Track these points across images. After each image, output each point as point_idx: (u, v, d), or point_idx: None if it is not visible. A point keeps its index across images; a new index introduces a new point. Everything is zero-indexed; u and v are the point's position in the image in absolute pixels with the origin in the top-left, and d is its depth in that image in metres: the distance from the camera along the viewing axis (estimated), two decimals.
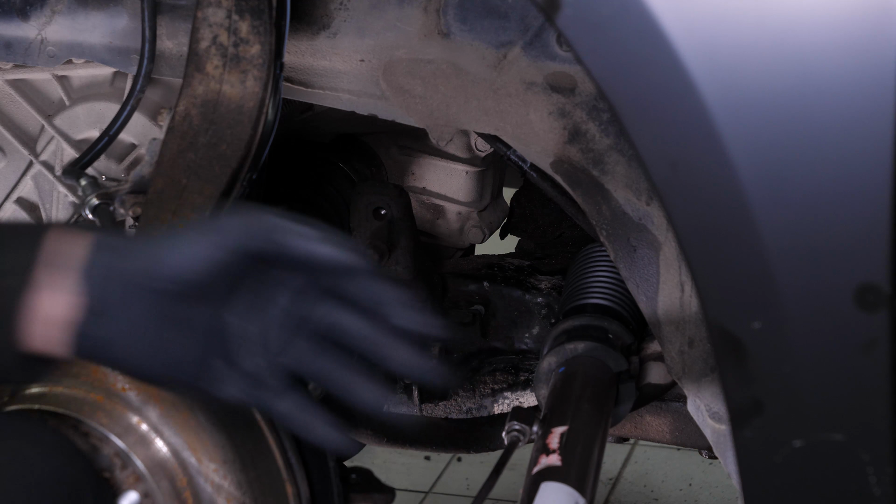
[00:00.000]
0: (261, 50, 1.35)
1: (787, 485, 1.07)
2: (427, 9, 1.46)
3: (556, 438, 1.36)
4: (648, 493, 2.76)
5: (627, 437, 1.75)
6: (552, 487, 1.31)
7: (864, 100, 0.95)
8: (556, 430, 1.37)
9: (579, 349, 1.51)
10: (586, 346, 1.51)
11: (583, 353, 1.51)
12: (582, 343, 1.51)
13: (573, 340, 1.52)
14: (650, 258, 1.42)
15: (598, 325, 1.52)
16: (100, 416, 1.16)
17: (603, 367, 1.51)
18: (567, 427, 1.38)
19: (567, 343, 1.52)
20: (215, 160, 1.32)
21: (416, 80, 1.46)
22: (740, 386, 1.04)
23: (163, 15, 1.54)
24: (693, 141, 0.99)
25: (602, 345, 1.51)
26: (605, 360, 1.51)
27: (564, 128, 1.43)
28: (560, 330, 1.55)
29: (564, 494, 1.31)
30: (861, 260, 0.98)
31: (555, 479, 1.31)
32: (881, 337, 1.00)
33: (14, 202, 1.77)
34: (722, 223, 1.01)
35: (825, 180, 0.98)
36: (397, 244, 1.61)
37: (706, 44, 0.97)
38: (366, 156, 1.83)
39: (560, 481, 1.31)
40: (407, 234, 1.62)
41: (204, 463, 1.17)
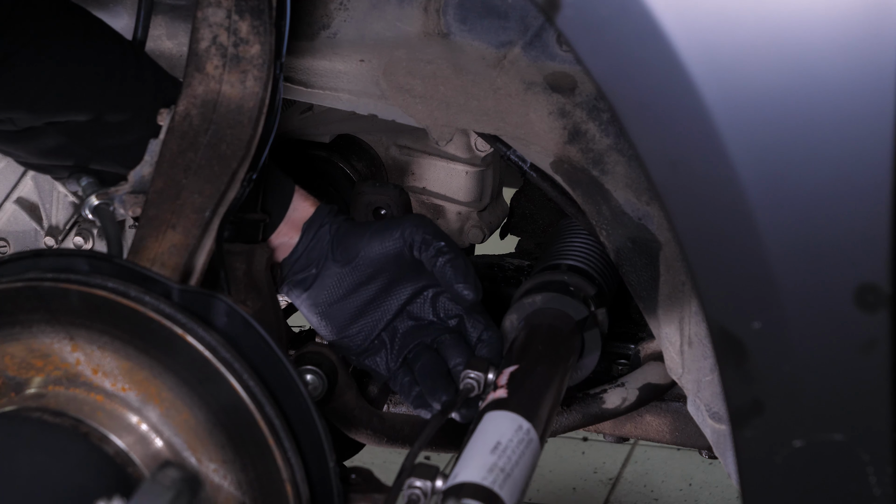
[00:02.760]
0: (261, 50, 1.35)
1: (787, 485, 1.07)
2: (427, 9, 1.46)
3: (505, 377, 1.38)
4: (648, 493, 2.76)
5: (627, 437, 1.75)
6: (495, 414, 1.31)
7: (864, 100, 0.95)
8: (506, 370, 1.39)
9: (538, 301, 1.52)
10: (544, 298, 1.52)
11: (542, 306, 1.51)
12: (540, 295, 1.52)
13: (531, 295, 1.53)
14: (650, 258, 1.42)
15: (557, 280, 1.53)
16: (100, 416, 1.16)
17: (564, 317, 1.51)
18: (517, 366, 1.39)
19: (525, 298, 1.52)
20: (215, 160, 1.31)
21: (416, 80, 1.46)
22: (740, 386, 1.04)
23: (162, 15, 1.54)
24: (693, 141, 0.99)
25: (559, 294, 1.51)
26: (565, 308, 1.51)
27: (564, 128, 1.43)
28: (522, 290, 1.56)
29: (507, 420, 1.31)
30: (861, 260, 0.98)
31: (500, 409, 1.32)
32: (881, 337, 1.00)
33: (14, 202, 1.77)
34: (722, 223, 1.01)
35: (825, 180, 0.98)
36: None
37: (706, 44, 0.97)
38: (366, 156, 1.83)
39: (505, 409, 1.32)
40: None
41: (204, 463, 1.17)
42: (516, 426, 1.31)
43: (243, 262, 1.42)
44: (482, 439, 1.28)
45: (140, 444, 1.16)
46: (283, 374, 1.18)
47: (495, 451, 1.26)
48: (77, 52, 1.37)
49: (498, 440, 1.27)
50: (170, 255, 1.24)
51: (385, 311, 1.51)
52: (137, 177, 1.36)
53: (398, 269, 1.49)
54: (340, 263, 1.48)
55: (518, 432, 1.30)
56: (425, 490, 1.24)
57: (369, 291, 1.50)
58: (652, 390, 1.62)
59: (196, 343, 1.15)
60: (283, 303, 1.84)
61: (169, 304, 1.16)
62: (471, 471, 1.24)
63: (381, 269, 1.48)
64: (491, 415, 1.32)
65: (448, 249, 1.45)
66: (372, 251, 1.47)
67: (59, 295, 1.16)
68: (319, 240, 1.48)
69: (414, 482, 1.24)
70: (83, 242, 1.75)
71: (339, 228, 1.48)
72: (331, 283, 1.49)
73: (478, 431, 1.29)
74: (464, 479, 1.23)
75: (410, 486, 1.24)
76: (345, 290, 1.49)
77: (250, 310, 1.20)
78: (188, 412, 1.16)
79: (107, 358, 1.17)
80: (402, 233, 1.47)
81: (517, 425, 1.31)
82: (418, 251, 1.46)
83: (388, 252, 1.47)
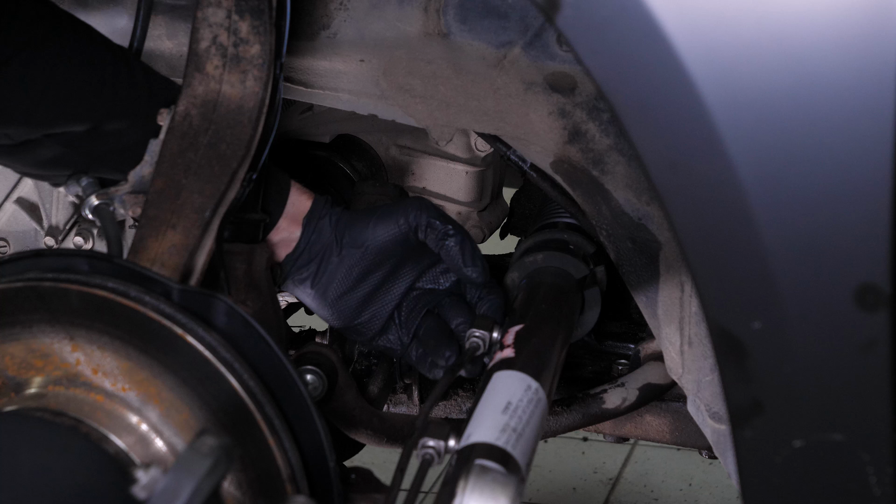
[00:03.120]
0: (261, 50, 1.35)
1: (787, 485, 1.07)
2: (427, 9, 1.46)
3: (511, 336, 1.40)
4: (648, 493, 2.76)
5: (627, 437, 1.75)
6: (504, 374, 1.33)
7: (864, 100, 0.95)
8: (512, 329, 1.41)
9: (539, 260, 1.55)
10: (545, 257, 1.55)
11: (543, 265, 1.54)
12: (541, 254, 1.55)
13: (532, 253, 1.56)
14: (650, 258, 1.42)
15: (557, 238, 1.55)
16: (100, 416, 1.16)
17: (565, 275, 1.54)
18: (523, 325, 1.41)
19: (527, 257, 1.55)
20: (215, 160, 1.31)
21: (416, 80, 1.46)
22: (740, 386, 1.04)
23: (162, 15, 1.54)
24: (693, 141, 0.99)
25: (560, 252, 1.54)
26: (566, 267, 1.54)
27: (564, 128, 1.43)
28: (522, 248, 1.59)
29: (516, 380, 1.32)
30: (861, 260, 0.98)
31: (508, 369, 1.33)
32: (881, 337, 1.00)
33: (14, 202, 1.77)
34: (722, 223, 1.01)
35: (825, 180, 0.98)
36: None
37: (706, 44, 0.97)
38: (366, 156, 1.83)
39: (513, 369, 1.33)
40: None
41: None
42: (525, 386, 1.32)
43: (243, 262, 1.42)
44: (493, 399, 1.29)
45: (140, 444, 1.16)
46: (283, 374, 1.18)
47: (506, 411, 1.27)
48: (68, 60, 1.36)
49: (508, 400, 1.28)
50: (170, 255, 1.24)
51: (394, 295, 1.53)
52: (137, 177, 1.36)
53: (403, 253, 1.51)
54: (345, 254, 1.49)
55: (527, 392, 1.31)
56: (439, 449, 1.25)
57: (377, 278, 1.51)
58: (652, 390, 1.62)
59: (196, 343, 1.15)
60: (283, 303, 1.84)
61: (169, 304, 1.16)
62: (484, 431, 1.25)
63: (386, 254, 1.50)
64: (499, 374, 1.33)
65: (453, 232, 1.48)
66: (377, 239, 1.49)
67: (59, 295, 1.16)
68: (320, 233, 1.49)
69: (427, 441, 1.25)
70: (83, 242, 1.75)
71: (340, 220, 1.49)
72: (339, 275, 1.50)
73: (488, 391, 1.30)
74: (477, 439, 1.24)
75: (424, 446, 1.25)
76: (353, 280, 1.50)
77: (250, 310, 1.20)
78: (188, 412, 1.16)
79: (107, 358, 1.17)
80: (405, 218, 1.48)
81: (526, 385, 1.32)
82: (423, 234, 1.49)
83: (393, 238, 1.49)
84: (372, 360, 1.67)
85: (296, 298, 1.83)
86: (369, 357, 1.67)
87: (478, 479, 1.10)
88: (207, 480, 0.97)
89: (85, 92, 1.37)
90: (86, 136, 1.38)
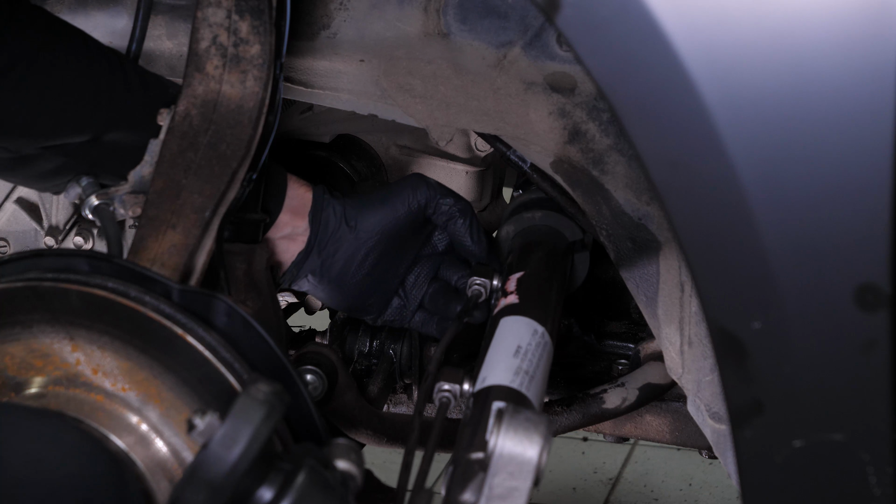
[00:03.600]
0: (261, 50, 1.35)
1: (787, 485, 1.07)
2: (427, 9, 1.46)
3: (513, 283, 1.45)
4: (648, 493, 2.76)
5: (627, 437, 1.75)
6: (511, 319, 1.37)
7: (864, 100, 0.95)
8: (513, 276, 1.46)
9: (536, 217, 1.59)
10: (543, 215, 1.59)
11: (539, 222, 1.59)
12: (539, 212, 1.59)
13: (531, 210, 1.60)
14: (650, 258, 1.42)
15: (553, 196, 1.57)
16: (100, 416, 1.16)
17: (558, 235, 1.58)
18: (523, 273, 1.47)
19: (525, 212, 1.59)
20: (215, 160, 1.31)
21: (416, 80, 1.46)
22: (740, 386, 1.04)
23: (162, 15, 1.54)
24: (693, 141, 0.99)
25: (558, 213, 1.58)
26: (561, 228, 1.58)
27: (564, 128, 1.43)
28: (518, 202, 1.63)
29: (523, 324, 1.37)
30: (861, 260, 0.98)
31: (514, 314, 1.39)
32: (881, 337, 1.00)
33: (14, 202, 1.77)
34: (722, 223, 1.01)
35: (825, 180, 0.98)
36: None
37: (706, 44, 0.97)
38: (366, 156, 1.83)
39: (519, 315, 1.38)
40: None
41: None
42: (532, 330, 1.36)
43: (243, 262, 1.42)
44: (503, 344, 1.34)
45: (140, 444, 1.16)
46: (283, 374, 1.18)
47: (517, 355, 1.31)
48: (64, 70, 1.36)
49: (518, 344, 1.33)
50: (170, 255, 1.24)
51: (401, 270, 1.57)
52: (137, 177, 1.36)
53: (407, 230, 1.54)
54: (355, 240, 1.52)
55: (535, 336, 1.35)
56: (454, 392, 1.30)
57: (387, 258, 1.54)
58: (652, 390, 1.62)
59: (196, 343, 1.15)
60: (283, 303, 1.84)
61: (169, 304, 1.16)
62: (498, 374, 1.28)
63: (396, 234, 1.53)
64: (507, 320, 1.38)
65: (454, 208, 1.54)
66: (387, 221, 1.52)
67: (59, 295, 1.16)
68: (327, 224, 1.51)
69: (442, 385, 1.30)
70: (83, 242, 1.75)
71: (346, 207, 1.52)
72: (351, 262, 1.53)
73: (497, 336, 1.35)
74: (492, 381, 1.27)
75: (440, 390, 1.30)
76: (367, 265, 1.53)
77: (250, 310, 1.20)
78: (188, 412, 1.16)
79: (107, 358, 1.17)
80: (414, 197, 1.53)
81: (533, 329, 1.36)
82: (431, 211, 1.54)
83: (403, 218, 1.53)
84: (372, 361, 1.67)
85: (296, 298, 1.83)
86: (369, 357, 1.67)
87: (512, 419, 1.10)
88: (264, 426, 0.99)
89: (83, 102, 1.37)
90: (86, 146, 1.38)
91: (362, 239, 1.52)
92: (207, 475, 0.97)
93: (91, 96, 1.36)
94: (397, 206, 1.53)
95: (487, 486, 1.10)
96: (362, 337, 1.69)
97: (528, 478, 1.09)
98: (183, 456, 1.17)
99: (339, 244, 1.51)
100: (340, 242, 1.51)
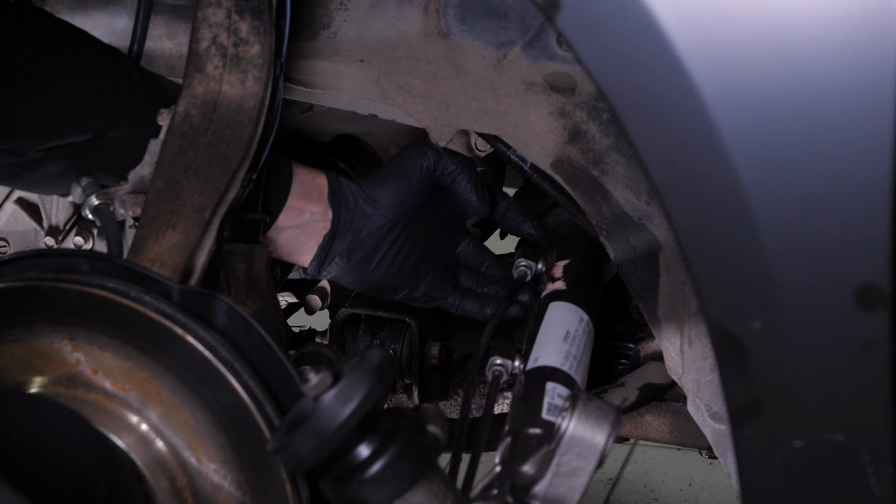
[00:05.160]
0: (261, 50, 1.35)
1: (787, 485, 1.07)
2: (427, 9, 1.46)
3: (559, 269, 1.53)
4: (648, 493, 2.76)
5: (627, 437, 1.75)
6: (560, 305, 1.48)
7: (864, 100, 0.95)
8: (559, 263, 1.55)
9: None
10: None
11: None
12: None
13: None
14: (650, 258, 1.42)
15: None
16: (100, 416, 1.16)
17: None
18: (569, 261, 1.55)
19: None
20: (215, 160, 1.31)
21: (416, 80, 1.46)
22: (740, 386, 1.04)
23: (162, 15, 1.54)
24: (693, 141, 0.99)
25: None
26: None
27: (564, 128, 1.43)
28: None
29: (571, 311, 1.47)
30: (861, 260, 0.98)
31: (561, 300, 1.48)
32: (881, 337, 1.00)
33: (14, 202, 1.77)
34: (722, 223, 1.01)
35: (825, 180, 0.97)
36: None
37: (706, 44, 0.97)
38: (366, 155, 1.83)
39: (567, 301, 1.48)
40: None
41: (204, 463, 1.17)
42: (579, 318, 1.46)
43: (243, 262, 1.42)
44: (553, 327, 1.44)
45: (140, 444, 1.16)
46: (283, 374, 1.18)
47: (567, 340, 1.42)
48: (69, 69, 1.36)
49: (567, 329, 1.43)
50: (170, 255, 1.24)
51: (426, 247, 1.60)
52: (137, 177, 1.36)
53: (423, 197, 1.58)
54: (378, 219, 1.54)
55: (581, 323, 1.46)
56: (507, 367, 1.42)
57: (409, 234, 1.58)
58: (652, 390, 1.62)
59: (196, 343, 1.15)
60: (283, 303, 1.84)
61: (169, 304, 1.16)
62: (550, 355, 1.39)
63: (411, 205, 1.57)
64: (556, 305, 1.48)
65: (460, 167, 1.59)
66: (401, 193, 1.56)
67: (59, 295, 1.16)
68: (347, 206, 1.54)
69: (496, 360, 1.42)
70: (83, 242, 1.75)
71: (361, 186, 1.55)
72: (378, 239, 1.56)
73: (547, 319, 1.45)
74: (545, 362, 1.38)
75: (493, 364, 1.43)
76: (388, 242, 1.56)
77: (250, 310, 1.20)
78: (188, 412, 1.16)
79: (107, 358, 1.17)
80: (418, 165, 1.57)
81: (579, 317, 1.46)
82: (440, 173, 1.58)
83: (413, 188, 1.57)
84: None
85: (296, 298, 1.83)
86: None
87: (586, 406, 1.19)
88: (376, 388, 1.06)
89: (87, 101, 1.37)
90: (89, 145, 1.38)
91: (385, 214, 1.54)
92: (319, 426, 1.04)
93: (95, 95, 1.37)
94: (410, 174, 1.56)
95: (555, 464, 1.19)
96: (362, 337, 1.69)
97: (594, 461, 1.19)
98: (183, 456, 1.17)
99: (364, 222, 1.53)
100: (365, 220, 1.54)
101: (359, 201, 1.54)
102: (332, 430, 1.04)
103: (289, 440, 1.05)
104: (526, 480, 1.22)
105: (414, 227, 1.58)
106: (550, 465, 1.20)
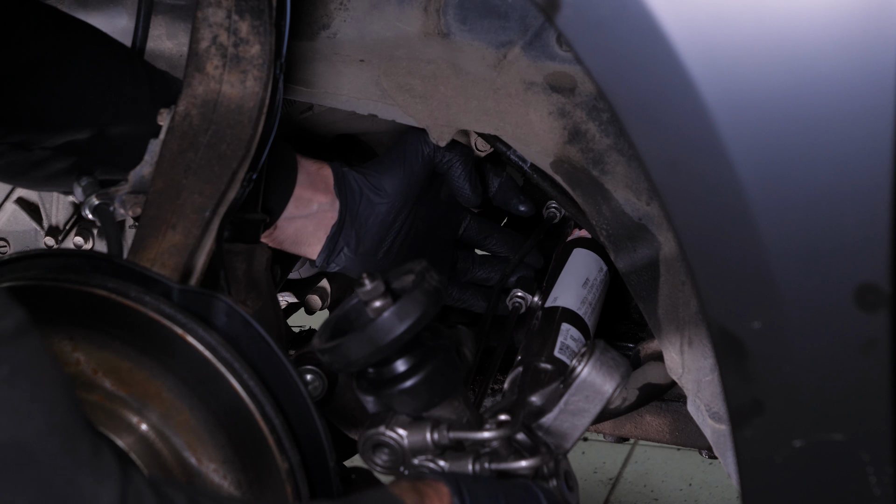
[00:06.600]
0: (261, 50, 1.35)
1: (787, 485, 1.07)
2: (427, 9, 1.46)
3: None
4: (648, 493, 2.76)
5: (627, 437, 1.75)
6: (583, 252, 1.55)
7: (863, 100, 0.95)
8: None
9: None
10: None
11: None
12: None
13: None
14: (650, 258, 1.42)
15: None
16: (100, 416, 1.16)
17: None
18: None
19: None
20: (215, 160, 1.31)
21: (416, 80, 1.46)
22: (740, 386, 1.04)
23: (162, 15, 1.54)
24: (693, 141, 0.99)
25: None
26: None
27: (564, 128, 1.43)
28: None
29: (592, 259, 1.55)
30: (861, 260, 0.98)
31: (585, 247, 1.55)
32: (881, 337, 1.00)
33: (14, 202, 1.77)
34: (722, 223, 1.01)
35: (825, 180, 0.97)
36: None
37: (706, 44, 0.97)
38: (366, 155, 1.83)
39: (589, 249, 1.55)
40: None
41: (204, 463, 1.17)
42: (599, 267, 1.54)
43: (243, 262, 1.42)
44: (574, 272, 1.52)
45: (140, 444, 1.16)
46: (283, 374, 1.18)
47: (585, 286, 1.50)
48: (77, 63, 1.37)
49: (587, 276, 1.51)
50: (170, 255, 1.24)
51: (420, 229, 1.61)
52: (137, 177, 1.36)
53: (425, 182, 1.59)
54: (384, 207, 1.55)
55: (600, 273, 1.54)
56: (527, 301, 1.52)
57: (415, 222, 1.59)
58: (652, 390, 1.62)
59: (196, 343, 1.15)
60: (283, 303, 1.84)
61: (169, 304, 1.16)
62: (569, 298, 1.48)
63: (414, 192, 1.58)
64: (579, 251, 1.55)
65: (456, 154, 1.60)
66: (406, 181, 1.57)
67: (59, 295, 1.16)
68: (353, 195, 1.55)
69: (517, 292, 1.53)
70: (83, 242, 1.75)
71: (364, 176, 1.56)
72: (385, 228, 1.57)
73: (570, 263, 1.53)
74: (563, 303, 1.47)
75: (514, 296, 1.53)
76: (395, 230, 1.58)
77: (250, 310, 1.20)
78: (188, 412, 1.16)
79: (107, 358, 1.17)
80: (419, 152, 1.58)
81: (599, 266, 1.54)
82: (435, 160, 1.60)
83: (416, 174, 1.58)
84: None
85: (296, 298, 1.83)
86: None
87: (602, 355, 1.28)
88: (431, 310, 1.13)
89: (94, 95, 1.38)
90: (92, 141, 1.39)
91: (390, 202, 1.56)
92: (375, 336, 1.12)
93: (101, 89, 1.38)
94: (413, 161, 1.57)
95: (563, 402, 1.28)
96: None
97: (599, 405, 1.28)
98: (183, 456, 1.17)
99: (370, 211, 1.54)
100: (371, 209, 1.54)
101: (364, 191, 1.55)
102: (386, 343, 1.12)
103: (342, 343, 1.12)
104: (532, 410, 1.29)
105: (417, 213, 1.59)
106: (559, 403, 1.28)
